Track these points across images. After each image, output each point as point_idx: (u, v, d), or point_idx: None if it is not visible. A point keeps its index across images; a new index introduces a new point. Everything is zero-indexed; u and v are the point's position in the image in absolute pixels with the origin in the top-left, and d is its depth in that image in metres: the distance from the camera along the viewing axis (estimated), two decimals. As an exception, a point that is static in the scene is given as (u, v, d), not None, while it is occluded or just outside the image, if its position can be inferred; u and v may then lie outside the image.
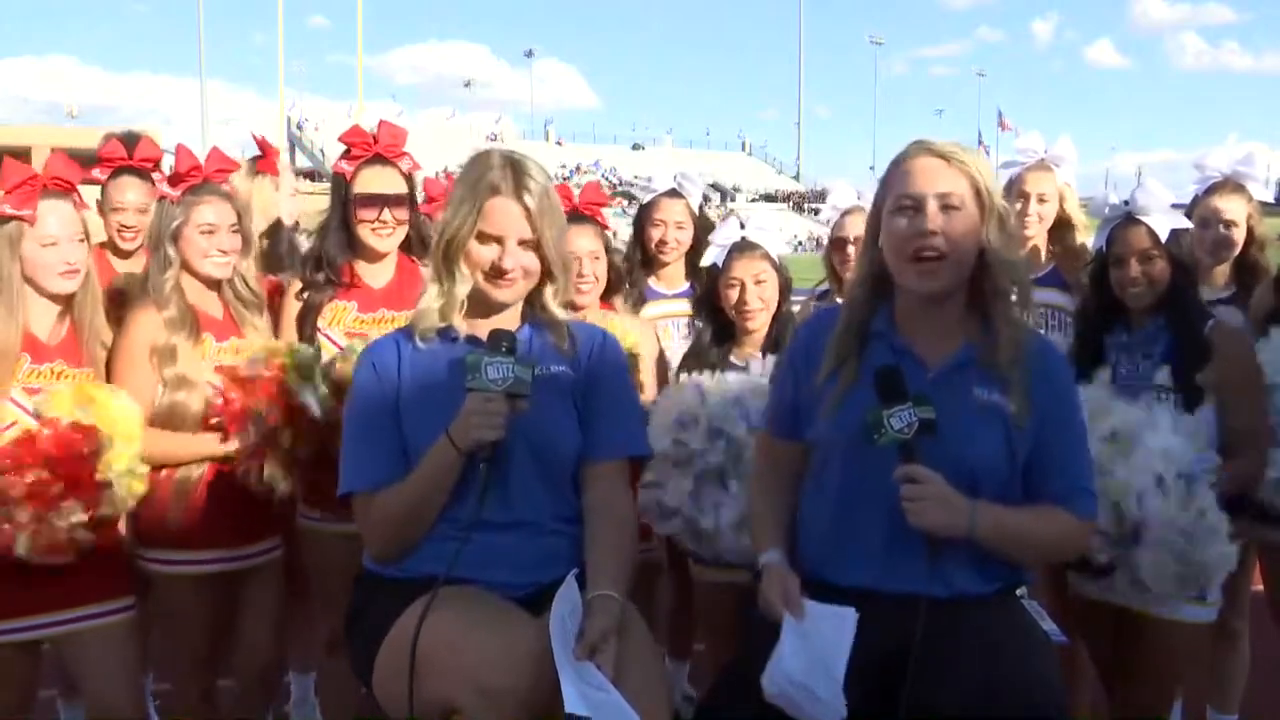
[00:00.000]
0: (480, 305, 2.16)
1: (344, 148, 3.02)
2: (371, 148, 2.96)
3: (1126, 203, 2.71)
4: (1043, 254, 3.62)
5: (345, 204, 2.96)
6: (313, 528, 2.95)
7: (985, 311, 2.07)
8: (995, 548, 2.01)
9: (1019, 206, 3.58)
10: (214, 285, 2.85)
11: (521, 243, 2.10)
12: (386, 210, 2.92)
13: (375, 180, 2.93)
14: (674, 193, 3.67)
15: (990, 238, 2.03)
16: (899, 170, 2.06)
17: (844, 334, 2.12)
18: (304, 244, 3.68)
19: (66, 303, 2.61)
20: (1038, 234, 3.59)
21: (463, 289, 2.13)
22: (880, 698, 1.91)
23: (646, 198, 3.72)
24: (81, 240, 2.57)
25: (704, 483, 2.72)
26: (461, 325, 2.16)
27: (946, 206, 1.99)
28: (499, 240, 2.09)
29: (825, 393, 2.11)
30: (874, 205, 2.13)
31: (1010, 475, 2.03)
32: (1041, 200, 3.55)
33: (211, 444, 2.72)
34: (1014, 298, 2.08)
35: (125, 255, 3.51)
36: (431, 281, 2.15)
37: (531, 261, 2.13)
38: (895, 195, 2.04)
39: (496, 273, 2.11)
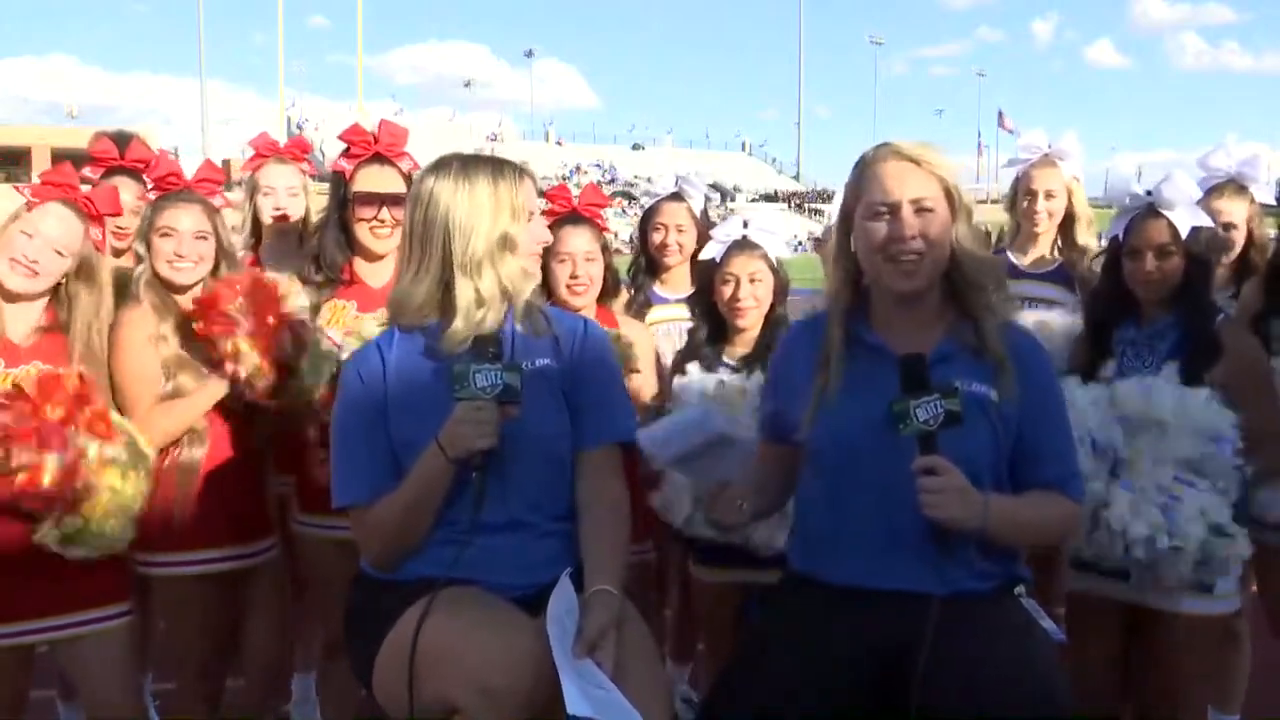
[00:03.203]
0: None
1: (344, 146, 3.01)
2: (371, 147, 2.97)
3: (1149, 193, 2.66)
4: (1049, 249, 3.60)
5: (343, 203, 2.96)
6: (308, 533, 2.95)
7: (962, 304, 2.11)
8: (1000, 538, 2.02)
9: (1026, 204, 3.58)
10: (181, 291, 2.80)
11: None
12: (385, 209, 2.91)
13: (374, 179, 2.93)
14: (676, 196, 3.67)
15: (960, 234, 2.08)
16: (869, 174, 2.09)
17: (832, 336, 2.15)
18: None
19: (50, 305, 2.60)
20: (1048, 230, 3.58)
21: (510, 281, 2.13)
22: (882, 696, 1.92)
23: (649, 201, 3.72)
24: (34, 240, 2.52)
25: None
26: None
27: (920, 210, 2.03)
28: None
29: (807, 395, 2.13)
30: (843, 208, 2.16)
31: (998, 467, 2.06)
32: (1050, 196, 3.54)
33: (213, 389, 2.69)
34: (991, 289, 2.11)
35: (115, 254, 3.51)
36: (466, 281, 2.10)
37: None
38: (868, 201, 2.07)
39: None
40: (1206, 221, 2.69)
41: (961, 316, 2.11)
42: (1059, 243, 3.61)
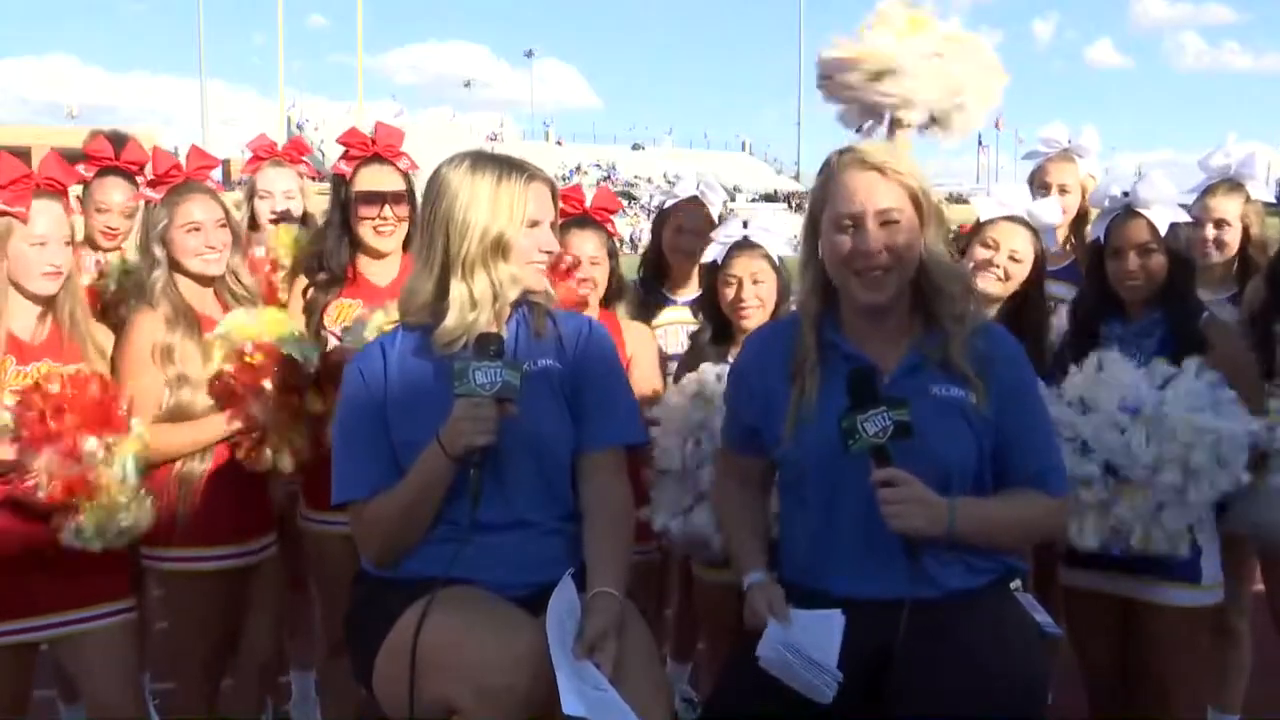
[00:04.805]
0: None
1: (343, 149, 3.06)
2: (369, 148, 3.02)
3: (1126, 194, 2.68)
4: (1063, 246, 3.59)
5: (344, 204, 3.00)
6: (315, 529, 2.96)
7: (929, 311, 2.09)
8: (976, 541, 2.01)
9: (1039, 198, 3.56)
10: (207, 283, 2.84)
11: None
12: (387, 207, 2.96)
13: (375, 178, 2.98)
14: (695, 200, 3.67)
15: (929, 242, 2.06)
16: (835, 184, 2.06)
17: (806, 346, 2.11)
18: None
19: (47, 303, 2.59)
20: (1060, 225, 3.57)
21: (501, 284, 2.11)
22: (867, 702, 1.92)
23: (670, 202, 3.72)
24: (68, 243, 2.55)
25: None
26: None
27: (886, 221, 2.01)
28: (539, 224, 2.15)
29: (784, 407, 2.10)
30: (810, 214, 2.14)
31: (980, 468, 2.05)
32: (1064, 191, 3.54)
33: (217, 426, 2.71)
34: (959, 296, 2.09)
35: (104, 253, 3.52)
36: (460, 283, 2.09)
37: None
38: (833, 212, 2.05)
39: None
40: (1184, 218, 2.70)
41: (929, 326, 2.09)
42: (1072, 240, 3.59)
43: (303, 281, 3.08)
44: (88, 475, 2.36)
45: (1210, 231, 3.24)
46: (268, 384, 2.67)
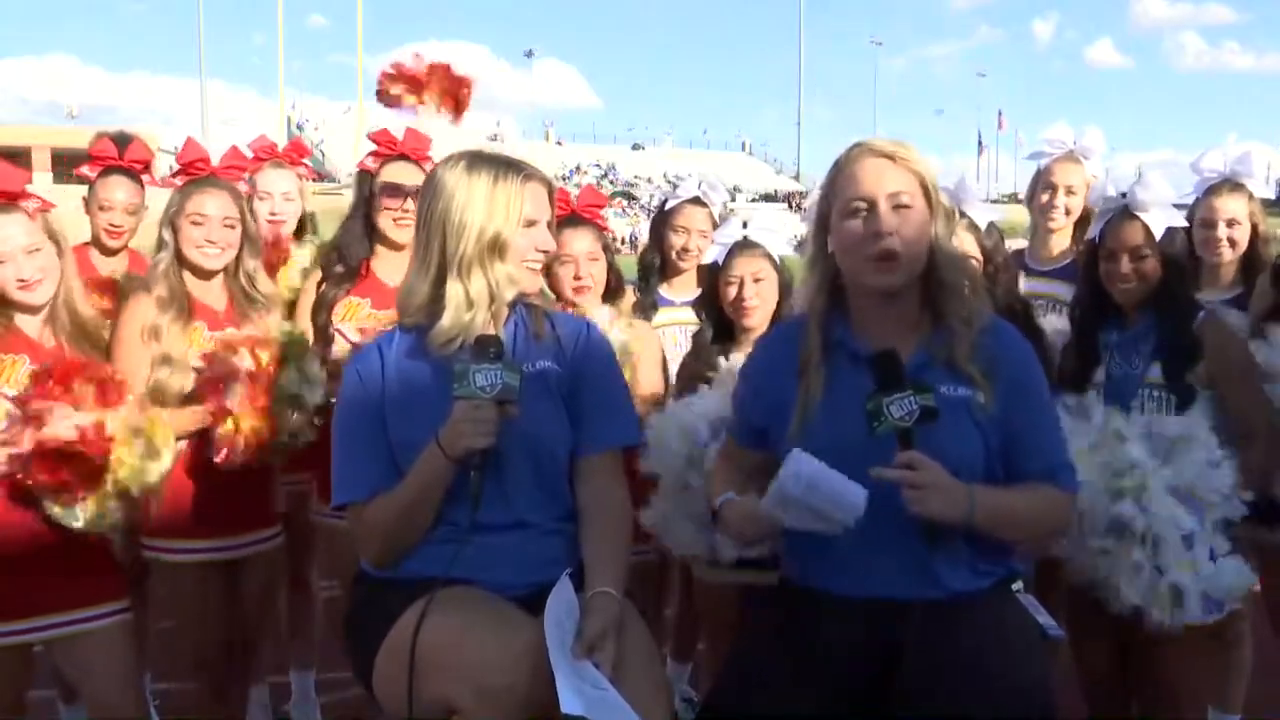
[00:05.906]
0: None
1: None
2: (397, 148, 3.12)
3: (1124, 195, 2.68)
4: (1066, 247, 3.60)
5: (368, 199, 3.07)
6: (329, 524, 2.97)
7: (937, 308, 2.07)
8: (990, 531, 2.00)
9: (1046, 198, 3.57)
10: (205, 276, 2.85)
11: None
12: (409, 200, 3.00)
13: (400, 174, 3.07)
14: (698, 200, 3.67)
15: (939, 232, 2.05)
16: (845, 174, 2.05)
17: (812, 344, 2.11)
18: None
19: (49, 310, 2.59)
20: (1064, 227, 3.57)
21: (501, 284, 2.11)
22: (874, 702, 1.92)
23: (671, 202, 3.73)
24: (35, 250, 2.50)
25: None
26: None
27: (898, 206, 2.00)
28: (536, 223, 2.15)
29: (791, 406, 2.09)
30: (818, 212, 2.13)
31: (989, 466, 2.04)
32: (1070, 192, 3.54)
33: (192, 417, 2.70)
34: (968, 291, 2.09)
35: (110, 253, 3.53)
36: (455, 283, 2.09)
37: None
38: (844, 199, 2.04)
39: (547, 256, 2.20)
40: (1181, 222, 2.69)
41: (937, 324, 2.08)
42: (1075, 241, 3.59)
43: (317, 275, 3.12)
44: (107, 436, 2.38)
45: (1223, 231, 3.24)
46: (244, 369, 2.66)
